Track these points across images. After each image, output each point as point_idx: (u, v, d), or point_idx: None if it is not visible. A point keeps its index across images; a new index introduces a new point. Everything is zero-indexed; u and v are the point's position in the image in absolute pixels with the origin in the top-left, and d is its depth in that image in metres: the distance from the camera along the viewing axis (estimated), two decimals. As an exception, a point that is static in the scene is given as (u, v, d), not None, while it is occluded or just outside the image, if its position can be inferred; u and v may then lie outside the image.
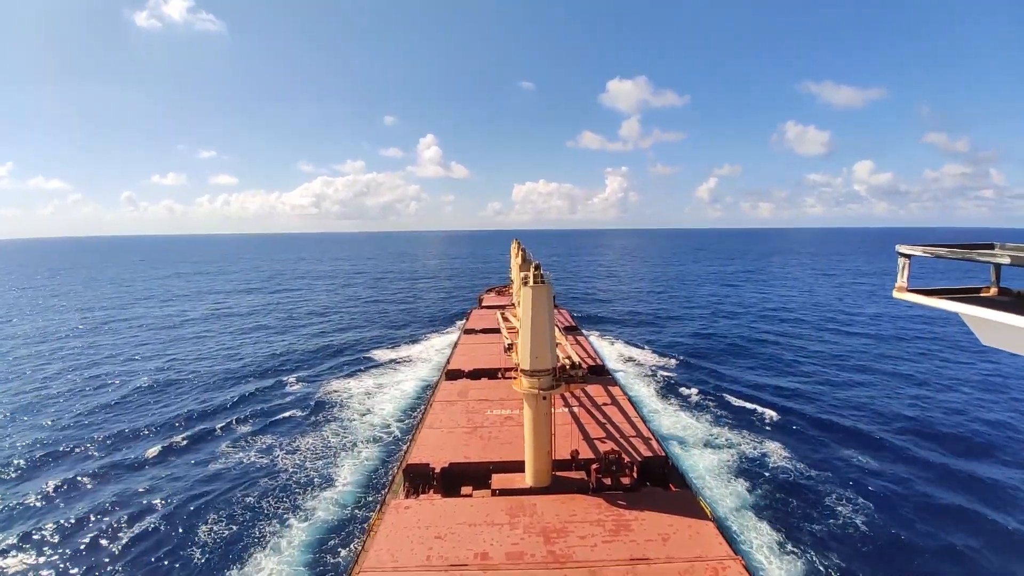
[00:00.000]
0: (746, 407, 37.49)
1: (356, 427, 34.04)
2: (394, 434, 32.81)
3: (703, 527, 16.10)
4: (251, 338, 63.68)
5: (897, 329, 65.48)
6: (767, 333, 64.43)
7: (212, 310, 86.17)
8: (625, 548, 15.14)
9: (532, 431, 18.30)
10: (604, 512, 16.91)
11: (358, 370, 48.09)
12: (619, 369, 46.99)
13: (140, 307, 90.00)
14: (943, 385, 43.20)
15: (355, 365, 50.13)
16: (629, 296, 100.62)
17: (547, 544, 15.36)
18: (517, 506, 17.30)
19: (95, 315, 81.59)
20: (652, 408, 37.01)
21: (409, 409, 36.94)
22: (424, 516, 16.90)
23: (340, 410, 37.13)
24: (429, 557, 14.91)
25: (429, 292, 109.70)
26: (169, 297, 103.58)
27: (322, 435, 32.84)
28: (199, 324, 73.15)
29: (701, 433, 32.69)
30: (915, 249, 7.43)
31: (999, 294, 6.69)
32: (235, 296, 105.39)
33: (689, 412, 36.26)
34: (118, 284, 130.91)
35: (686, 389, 41.31)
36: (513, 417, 24.20)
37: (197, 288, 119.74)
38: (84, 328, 70.33)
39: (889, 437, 32.47)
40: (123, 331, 68.10)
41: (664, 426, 33.58)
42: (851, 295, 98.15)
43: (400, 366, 49.20)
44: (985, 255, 6.24)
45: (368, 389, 41.88)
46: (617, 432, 22.57)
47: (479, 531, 16.04)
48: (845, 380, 44.72)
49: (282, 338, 63.33)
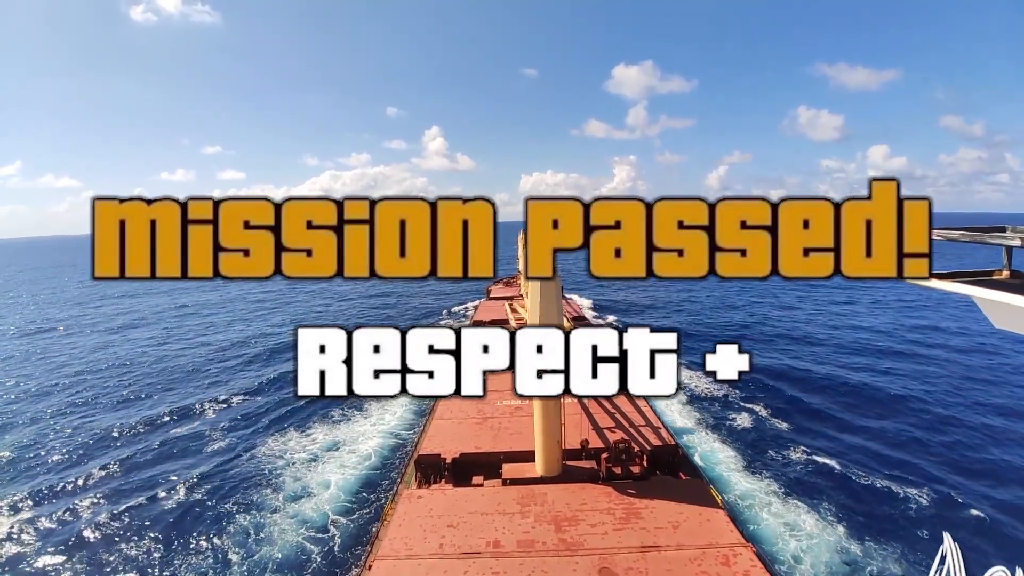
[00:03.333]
0: (765, 395, 37.27)
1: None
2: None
3: (714, 515, 16.16)
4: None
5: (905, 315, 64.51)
6: (784, 316, 63.85)
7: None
8: (635, 536, 15.27)
9: (542, 421, 18.43)
10: (614, 500, 17.03)
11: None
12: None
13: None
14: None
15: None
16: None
17: (558, 532, 15.54)
18: (528, 495, 17.49)
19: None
20: (663, 397, 36.98)
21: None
22: (436, 505, 17.15)
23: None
24: (442, 545, 15.16)
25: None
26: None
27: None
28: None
29: (711, 421, 32.63)
30: (928, 233, 7.40)
31: (1011, 277, 6.62)
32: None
33: (700, 401, 36.19)
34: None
35: (696, 377, 41.23)
36: (523, 408, 24.37)
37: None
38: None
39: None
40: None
41: (674, 415, 33.57)
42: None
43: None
44: (997, 238, 6.19)
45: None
46: (627, 421, 22.65)
47: (491, 520, 16.25)
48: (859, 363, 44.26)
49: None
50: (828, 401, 36.59)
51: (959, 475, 26.22)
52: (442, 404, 25.97)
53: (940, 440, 30.24)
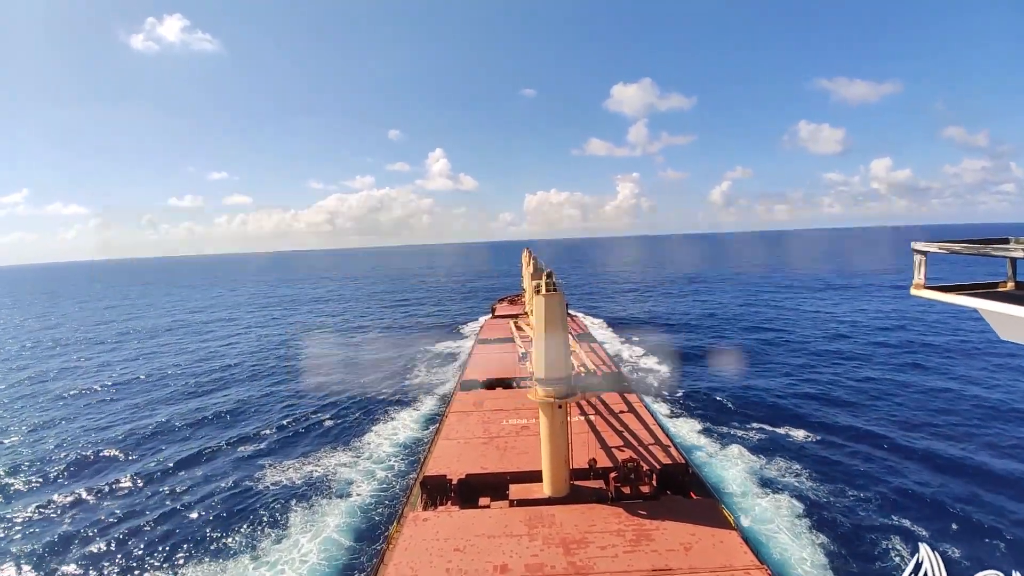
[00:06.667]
0: (776, 413, 36.71)
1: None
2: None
3: (727, 536, 15.80)
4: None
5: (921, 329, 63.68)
6: (808, 340, 63.22)
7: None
8: (647, 558, 14.92)
9: (549, 440, 18.23)
10: (624, 522, 16.71)
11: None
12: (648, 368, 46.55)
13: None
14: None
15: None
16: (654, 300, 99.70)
17: (567, 555, 15.22)
18: (536, 517, 17.19)
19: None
20: (671, 414, 36.49)
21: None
22: (442, 528, 16.89)
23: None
24: (449, 570, 14.88)
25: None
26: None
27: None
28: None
29: (724, 439, 32.06)
30: (931, 246, 7.44)
31: (1016, 288, 6.58)
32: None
33: (711, 418, 35.66)
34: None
35: (707, 395, 40.72)
36: (529, 427, 24.14)
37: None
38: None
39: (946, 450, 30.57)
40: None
41: (683, 432, 33.06)
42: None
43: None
44: (1000, 250, 6.17)
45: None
46: (635, 439, 22.35)
47: (498, 543, 15.97)
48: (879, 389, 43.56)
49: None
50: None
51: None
52: (447, 423, 25.77)
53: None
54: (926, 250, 7.47)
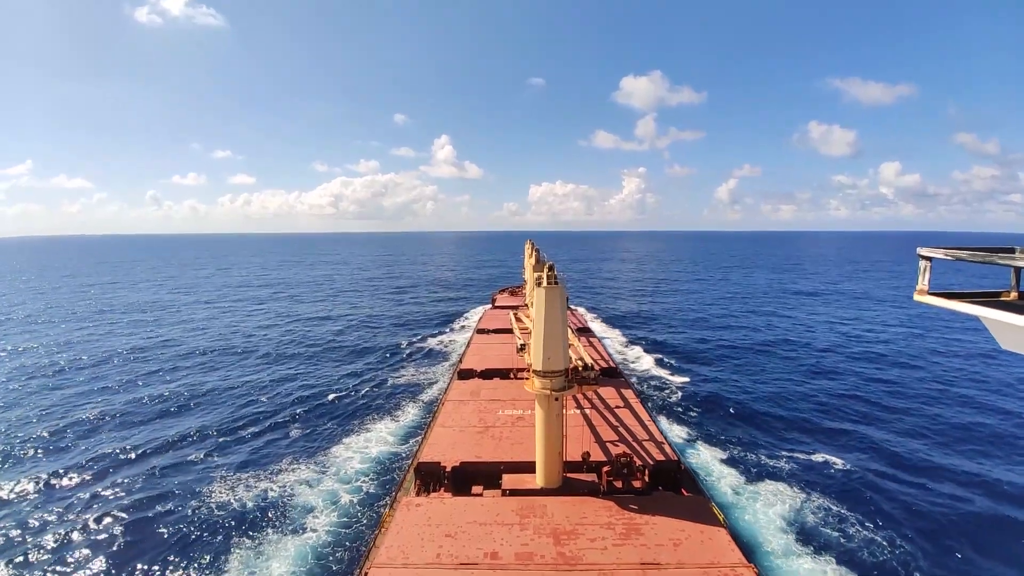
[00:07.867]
0: (776, 413, 36.77)
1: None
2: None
3: (716, 533, 15.91)
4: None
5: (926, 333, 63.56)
6: (813, 350, 63.19)
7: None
8: (635, 552, 15.05)
9: (543, 432, 18.32)
10: (615, 515, 16.84)
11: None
12: (642, 370, 46.62)
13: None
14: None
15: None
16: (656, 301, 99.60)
17: (557, 545, 15.36)
18: (527, 507, 17.34)
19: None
20: (666, 411, 36.59)
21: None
22: (435, 514, 17.04)
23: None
24: (439, 555, 15.04)
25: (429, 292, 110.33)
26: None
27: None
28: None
29: (715, 438, 32.15)
30: (936, 252, 7.37)
31: (1019, 298, 6.52)
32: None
33: (704, 417, 35.74)
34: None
35: (706, 395, 40.78)
36: (525, 418, 24.24)
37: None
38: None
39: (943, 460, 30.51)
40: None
41: (677, 429, 33.15)
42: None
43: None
44: (1005, 259, 6.10)
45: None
46: (629, 435, 22.44)
47: (489, 531, 16.11)
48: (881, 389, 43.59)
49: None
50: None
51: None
52: (444, 411, 25.88)
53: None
54: (931, 256, 7.40)
